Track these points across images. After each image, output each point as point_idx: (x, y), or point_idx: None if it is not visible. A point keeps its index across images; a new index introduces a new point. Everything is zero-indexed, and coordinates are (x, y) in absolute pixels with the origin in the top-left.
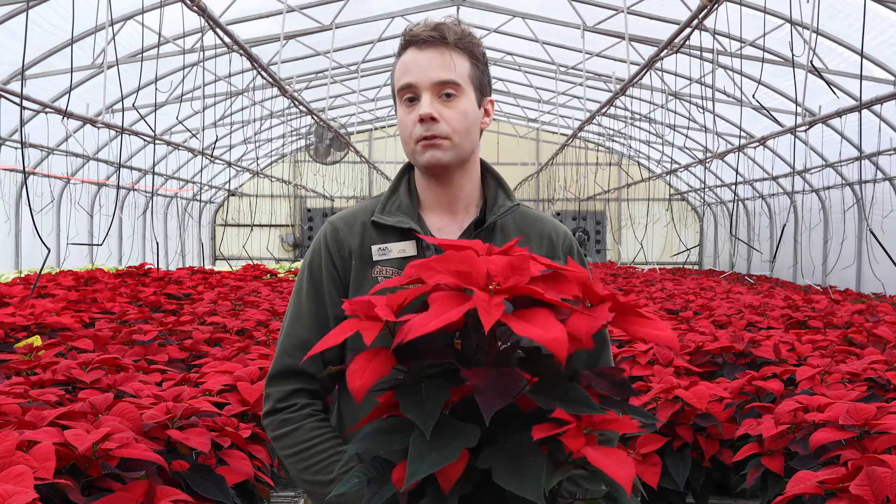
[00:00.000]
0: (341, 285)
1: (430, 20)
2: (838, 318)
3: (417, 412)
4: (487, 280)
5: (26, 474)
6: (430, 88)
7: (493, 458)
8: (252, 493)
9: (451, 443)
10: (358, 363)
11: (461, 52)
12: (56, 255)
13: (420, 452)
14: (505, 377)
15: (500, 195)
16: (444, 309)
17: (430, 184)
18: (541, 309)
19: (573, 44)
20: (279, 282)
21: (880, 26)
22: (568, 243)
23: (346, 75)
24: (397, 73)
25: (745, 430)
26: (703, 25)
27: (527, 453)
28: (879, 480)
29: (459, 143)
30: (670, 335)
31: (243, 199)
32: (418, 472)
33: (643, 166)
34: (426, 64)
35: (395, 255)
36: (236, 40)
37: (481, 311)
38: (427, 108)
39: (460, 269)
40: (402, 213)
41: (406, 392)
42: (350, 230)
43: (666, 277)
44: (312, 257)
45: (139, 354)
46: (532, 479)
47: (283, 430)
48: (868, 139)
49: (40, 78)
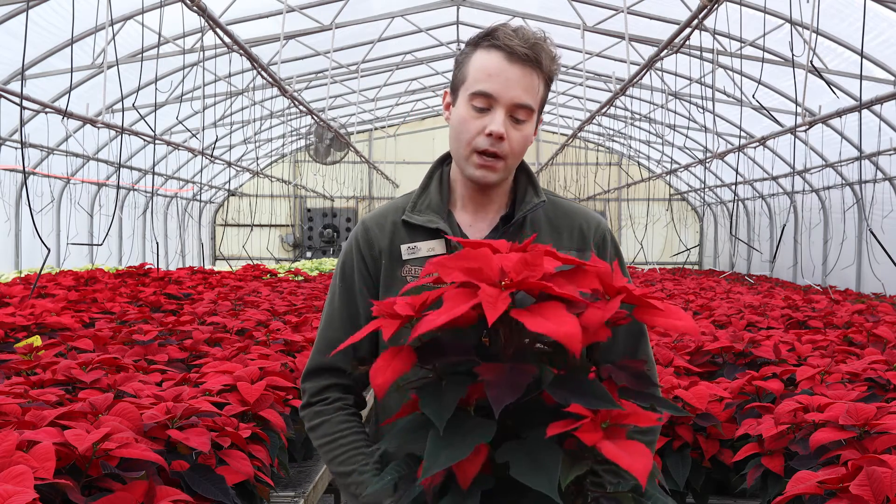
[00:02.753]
0: (373, 285)
1: (527, 33)
2: (838, 318)
3: (433, 408)
4: (500, 276)
5: (26, 474)
6: (508, 107)
7: (510, 452)
8: (252, 493)
9: (466, 439)
10: (380, 362)
11: (543, 78)
12: (56, 255)
13: (436, 448)
14: (517, 372)
15: (528, 191)
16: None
17: (469, 185)
18: (555, 303)
19: (573, 44)
20: (279, 282)
21: (880, 26)
22: (600, 234)
23: (346, 75)
24: (475, 73)
25: (745, 430)
26: (703, 25)
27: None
28: (879, 480)
29: (511, 165)
30: (690, 324)
31: (243, 199)
32: (433, 467)
33: (643, 166)
34: (512, 80)
35: (424, 254)
36: (236, 40)
37: (486, 305)
38: (500, 128)
39: (472, 265)
40: (431, 211)
41: (427, 389)
42: (381, 230)
43: (666, 277)
44: (345, 258)
45: (139, 354)
46: (547, 472)
47: (316, 421)
48: (868, 139)
49: (40, 78)
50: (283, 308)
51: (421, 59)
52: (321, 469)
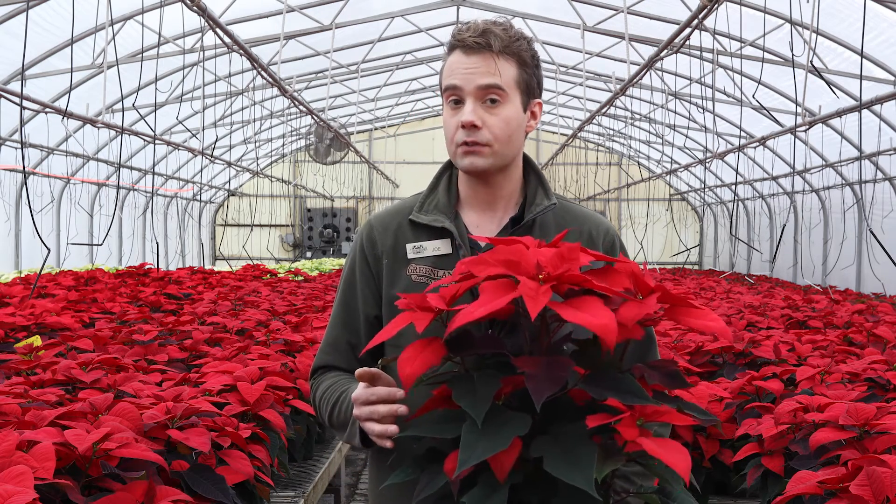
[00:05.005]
0: (374, 285)
1: (479, 23)
2: (838, 318)
3: (469, 400)
4: (537, 270)
5: (26, 474)
6: (474, 93)
7: (544, 447)
8: (252, 493)
9: (502, 431)
10: (409, 352)
11: (508, 58)
12: (56, 255)
13: (472, 440)
14: (556, 364)
15: (539, 193)
16: (493, 297)
17: (471, 182)
18: (591, 297)
19: (573, 44)
20: (279, 282)
21: (880, 26)
22: (609, 240)
23: (346, 75)
24: (444, 74)
25: (745, 430)
26: (703, 25)
27: (578, 442)
28: (879, 480)
29: (500, 150)
30: (722, 326)
31: (243, 199)
32: (470, 458)
33: (643, 166)
34: (471, 68)
35: (430, 254)
36: (236, 40)
37: (527, 298)
38: (469, 116)
39: (511, 259)
40: (438, 211)
41: (459, 382)
42: (385, 229)
43: (666, 277)
44: (350, 258)
45: (139, 354)
46: (583, 466)
47: (316, 388)
48: (868, 139)
49: (40, 78)
50: (283, 308)
51: (421, 59)
52: (321, 469)
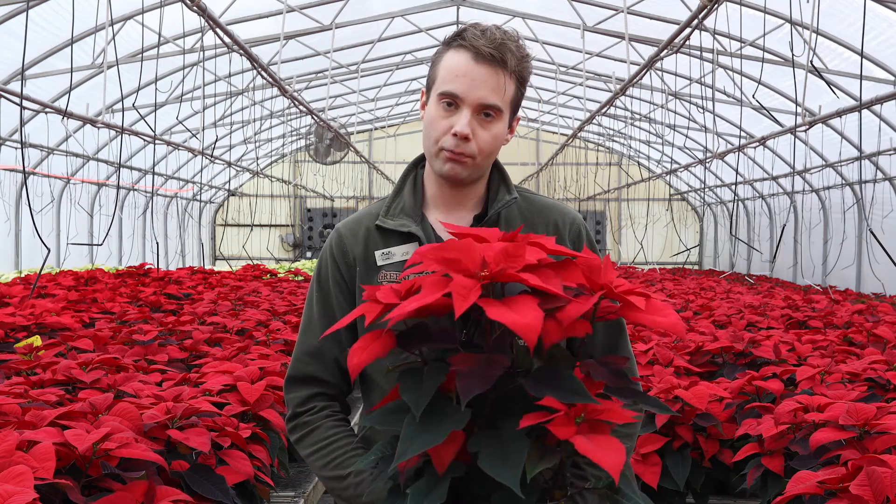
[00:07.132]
0: (348, 292)
1: (494, 33)
2: (838, 318)
3: (411, 394)
4: (481, 266)
5: (26, 474)
6: (473, 106)
7: (481, 442)
8: (252, 493)
9: (441, 425)
10: (360, 343)
11: (513, 77)
12: (56, 255)
13: (411, 433)
14: (490, 363)
15: (501, 188)
16: (428, 293)
17: (439, 183)
18: (527, 296)
19: (573, 44)
20: (279, 282)
21: (880, 26)
22: (575, 229)
23: (346, 75)
24: (443, 73)
25: (745, 430)
26: (703, 25)
27: (513, 440)
28: (879, 480)
29: (482, 162)
30: (673, 320)
31: (243, 199)
32: (408, 451)
33: (643, 166)
34: (478, 80)
35: (399, 259)
36: (236, 40)
37: (456, 295)
38: (465, 128)
39: (450, 256)
40: (404, 214)
41: (408, 375)
42: (354, 237)
43: (666, 277)
44: (320, 267)
45: (139, 354)
46: (512, 464)
47: (303, 431)
48: (868, 139)
49: (40, 78)
50: (283, 308)
51: (421, 59)
52: None
